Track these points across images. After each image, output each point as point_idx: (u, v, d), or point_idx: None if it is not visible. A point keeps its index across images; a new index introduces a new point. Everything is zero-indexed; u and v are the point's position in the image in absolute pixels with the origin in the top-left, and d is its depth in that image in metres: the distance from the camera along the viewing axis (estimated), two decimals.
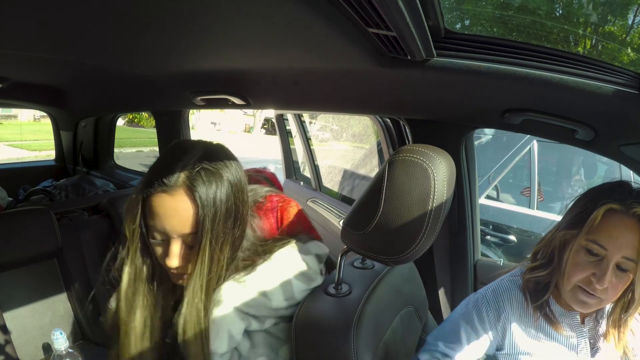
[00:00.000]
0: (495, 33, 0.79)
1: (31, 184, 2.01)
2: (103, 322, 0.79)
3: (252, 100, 1.09)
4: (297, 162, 2.69)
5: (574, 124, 0.72)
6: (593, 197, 0.70)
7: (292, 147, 2.67)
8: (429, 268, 1.24)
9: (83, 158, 2.12)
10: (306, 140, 2.41)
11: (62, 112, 1.99)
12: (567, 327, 0.75)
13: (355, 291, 0.75)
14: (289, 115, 2.47)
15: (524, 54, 0.62)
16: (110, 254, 0.76)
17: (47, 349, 1.09)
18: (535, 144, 2.44)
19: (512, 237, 2.13)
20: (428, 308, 0.99)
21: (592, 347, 0.74)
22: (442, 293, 1.26)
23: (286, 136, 2.59)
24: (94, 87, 1.51)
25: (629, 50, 0.74)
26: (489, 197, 2.42)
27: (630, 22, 0.75)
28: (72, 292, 1.18)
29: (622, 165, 0.89)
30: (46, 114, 2.13)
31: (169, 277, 0.73)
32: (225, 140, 0.80)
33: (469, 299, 0.83)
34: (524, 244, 2.15)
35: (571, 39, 0.76)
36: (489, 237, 2.17)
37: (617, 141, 0.74)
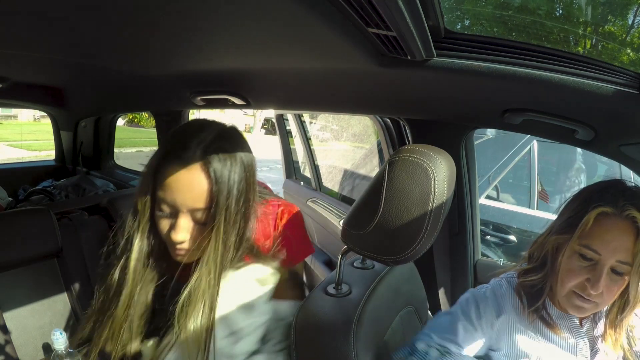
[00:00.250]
0: (495, 33, 0.79)
1: (31, 184, 2.01)
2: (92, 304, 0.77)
3: (252, 100, 1.09)
4: (297, 162, 2.69)
5: (574, 124, 0.72)
6: (584, 199, 0.69)
7: (292, 147, 2.67)
8: (429, 268, 1.24)
9: (83, 158, 2.12)
10: (306, 140, 2.41)
11: (62, 112, 1.99)
12: (565, 329, 0.73)
13: (355, 291, 0.75)
14: (289, 115, 2.47)
15: (524, 54, 0.62)
16: (104, 252, 0.75)
17: (47, 349, 1.09)
18: (535, 144, 2.44)
19: (512, 237, 2.13)
20: (428, 308, 0.99)
21: (591, 348, 0.73)
22: (442, 293, 1.26)
23: (286, 136, 2.59)
24: (94, 87, 1.51)
25: (629, 50, 0.74)
26: (489, 197, 2.42)
27: (630, 22, 0.75)
28: (72, 292, 1.18)
29: (622, 165, 0.89)
30: (46, 114, 2.13)
31: (168, 253, 0.72)
32: None
33: (467, 294, 0.82)
34: (524, 244, 2.15)
35: (571, 39, 0.76)
36: (489, 237, 2.17)
37: (617, 141, 0.74)
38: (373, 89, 0.88)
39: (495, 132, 2.54)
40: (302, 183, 2.50)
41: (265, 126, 18.70)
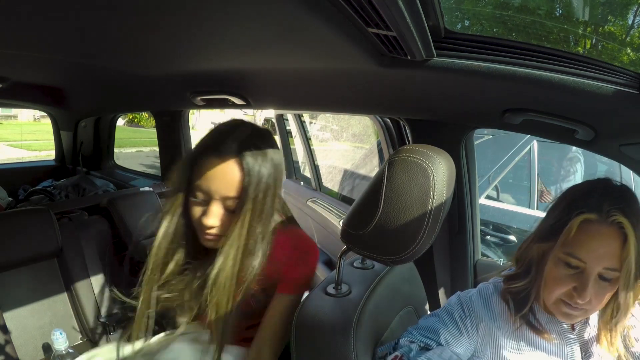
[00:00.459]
0: (495, 33, 0.79)
1: (31, 184, 2.01)
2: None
3: (252, 100, 1.09)
4: (297, 162, 2.69)
5: (574, 124, 0.72)
6: (568, 204, 0.65)
7: (292, 147, 2.67)
8: (429, 268, 1.24)
9: (83, 158, 2.13)
10: (306, 140, 2.41)
11: (62, 112, 1.99)
12: (556, 334, 0.70)
13: (355, 291, 0.75)
14: (289, 115, 2.47)
15: (524, 54, 0.62)
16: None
17: (47, 349, 1.10)
18: (535, 144, 2.44)
19: (512, 237, 2.13)
20: (428, 308, 0.99)
21: (584, 352, 0.70)
22: (442, 293, 1.26)
23: (286, 136, 2.59)
24: (94, 87, 1.51)
25: (629, 50, 0.73)
26: (489, 197, 2.42)
27: (630, 22, 0.75)
28: (72, 292, 1.18)
29: (622, 165, 0.89)
30: (46, 114, 2.13)
31: (192, 238, 0.78)
32: None
33: (454, 297, 0.79)
34: None
35: (571, 38, 0.76)
36: (489, 237, 2.17)
37: (617, 141, 0.73)
38: (373, 89, 0.88)
39: (494, 132, 2.54)
40: (302, 183, 2.50)
41: (265, 126, 18.70)
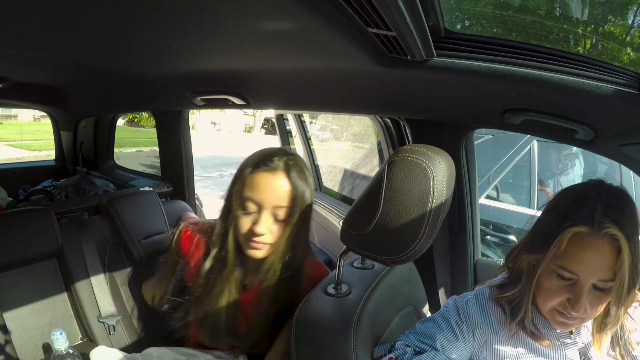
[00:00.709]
0: (495, 33, 0.79)
1: (31, 184, 2.01)
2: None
3: (252, 100, 1.09)
4: None
5: (574, 124, 0.72)
6: (559, 215, 0.63)
7: (292, 147, 2.66)
8: (429, 268, 1.24)
9: (83, 158, 2.12)
10: (306, 140, 2.41)
11: (62, 112, 1.99)
12: (554, 338, 0.70)
13: (355, 291, 0.75)
14: (289, 115, 2.47)
15: (524, 54, 0.62)
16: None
17: (47, 349, 1.10)
18: (535, 144, 2.44)
19: (512, 237, 2.13)
20: (428, 308, 0.99)
21: (583, 356, 0.70)
22: (442, 293, 1.26)
23: (286, 136, 2.59)
24: (94, 87, 1.51)
25: (629, 50, 0.73)
26: (489, 197, 2.42)
27: (630, 22, 0.75)
28: (72, 292, 1.18)
29: (622, 165, 0.89)
30: (46, 114, 2.13)
31: (243, 247, 0.86)
32: (225, 140, 0.83)
33: (450, 301, 0.79)
34: None
35: (571, 38, 0.76)
36: (489, 237, 2.16)
37: (617, 141, 0.73)
38: (373, 89, 0.88)
39: (494, 132, 2.54)
40: None
41: (265, 126, 18.70)
